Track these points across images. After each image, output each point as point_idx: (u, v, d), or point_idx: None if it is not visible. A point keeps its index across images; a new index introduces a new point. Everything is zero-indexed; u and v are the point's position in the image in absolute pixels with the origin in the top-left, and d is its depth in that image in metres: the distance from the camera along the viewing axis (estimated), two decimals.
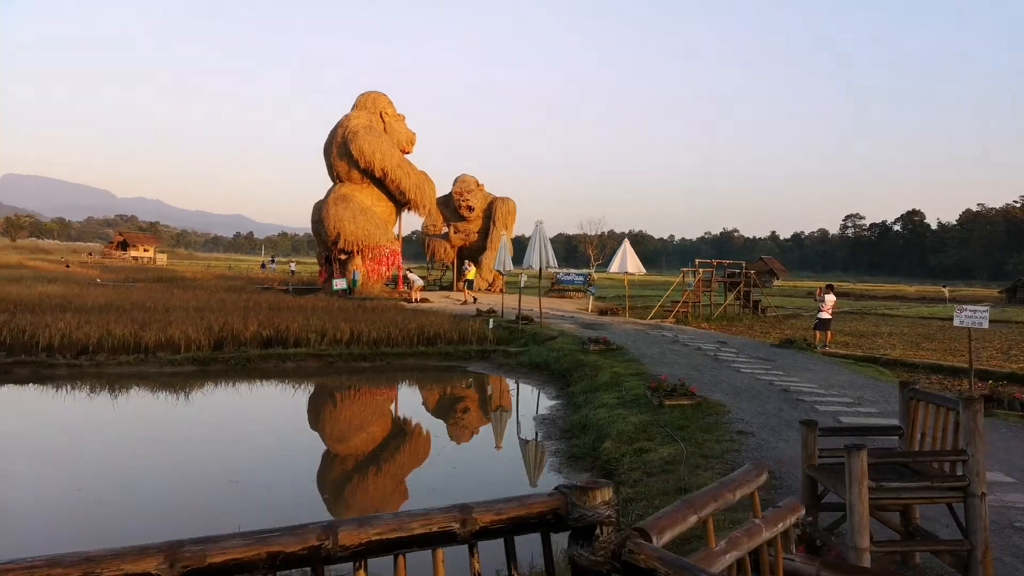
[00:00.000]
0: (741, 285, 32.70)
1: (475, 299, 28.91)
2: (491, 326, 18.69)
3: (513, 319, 21.43)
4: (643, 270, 25.40)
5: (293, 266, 48.96)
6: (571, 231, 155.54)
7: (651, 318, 27.21)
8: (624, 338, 17.29)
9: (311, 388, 14.17)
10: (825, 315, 18.60)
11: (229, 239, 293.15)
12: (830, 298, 18.92)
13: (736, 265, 34.41)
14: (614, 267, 25.12)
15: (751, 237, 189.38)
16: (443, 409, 12.51)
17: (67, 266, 45.38)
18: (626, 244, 24.97)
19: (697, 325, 24.92)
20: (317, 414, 12.20)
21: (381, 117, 31.77)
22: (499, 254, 22.43)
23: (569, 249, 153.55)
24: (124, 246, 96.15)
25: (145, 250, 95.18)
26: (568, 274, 42.45)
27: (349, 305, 24.04)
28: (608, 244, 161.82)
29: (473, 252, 40.81)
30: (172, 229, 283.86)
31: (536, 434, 9.92)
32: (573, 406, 11.07)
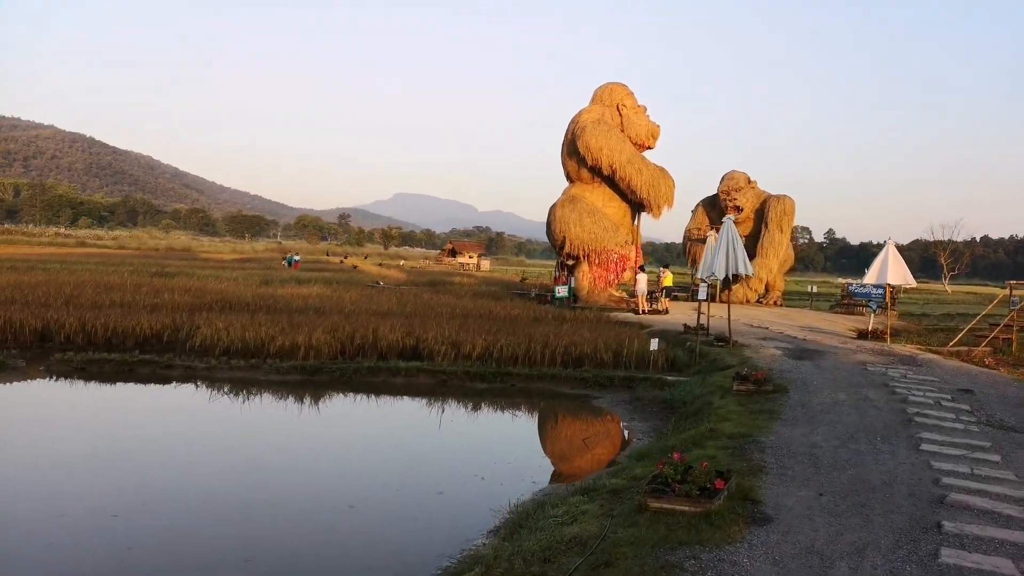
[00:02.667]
0: None
1: (643, 310, 25.06)
2: (653, 348, 15.04)
3: (713, 338, 17.38)
4: (911, 281, 18.86)
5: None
6: (926, 238, 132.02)
7: (952, 346, 20.45)
8: (817, 373, 12.42)
9: (381, 406, 12.41)
10: None
11: None
12: None
13: None
14: (870, 277, 19.12)
15: None
16: (451, 459, 9.74)
17: (341, 261, 49.59)
18: (889, 248, 18.79)
19: (1011, 359, 17.75)
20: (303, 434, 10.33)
21: (618, 110, 29.00)
22: (704, 257, 18.29)
23: (927, 259, 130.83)
24: (454, 253, 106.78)
25: (470, 257, 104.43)
26: (864, 286, 34.70)
27: (547, 315, 21.99)
28: (976, 251, 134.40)
29: None
30: (517, 238, 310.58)
31: (473, 527, 6.74)
32: (591, 482, 7.54)
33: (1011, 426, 8.79)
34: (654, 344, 15.08)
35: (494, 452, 9.74)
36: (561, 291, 27.29)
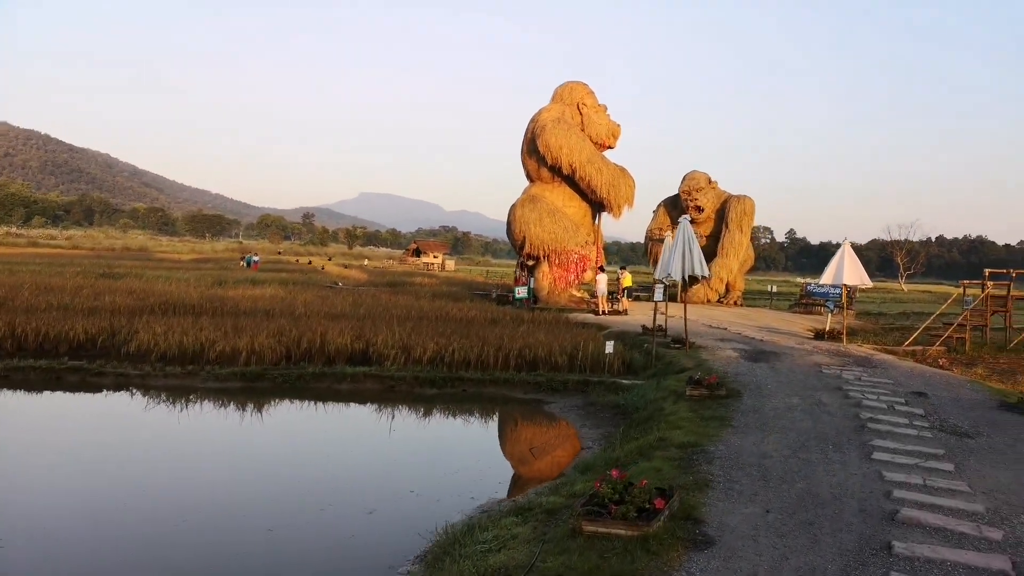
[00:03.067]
0: None
1: (604, 311, 24.75)
2: (608, 350, 14.70)
3: (670, 340, 17.16)
4: (867, 281, 18.83)
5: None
6: (883, 238, 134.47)
7: (907, 345, 20.57)
8: (772, 376, 12.18)
9: (322, 414, 11.82)
10: None
11: None
12: None
13: None
14: (827, 277, 19.06)
15: None
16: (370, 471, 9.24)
17: (299, 263, 48.97)
18: (845, 248, 18.73)
19: (964, 358, 17.88)
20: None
21: (579, 109, 28.70)
22: (662, 257, 17.97)
23: (884, 259, 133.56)
24: (418, 253, 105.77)
25: (435, 256, 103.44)
26: (822, 286, 34.90)
27: (505, 316, 21.55)
28: (932, 250, 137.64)
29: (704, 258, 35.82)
30: (484, 238, 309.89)
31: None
32: (528, 500, 7.11)
33: (964, 431, 8.60)
34: (609, 347, 14.74)
35: (435, 464, 9.22)
36: (521, 292, 26.89)
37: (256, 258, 62.13)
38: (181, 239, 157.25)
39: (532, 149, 27.78)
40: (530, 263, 28.44)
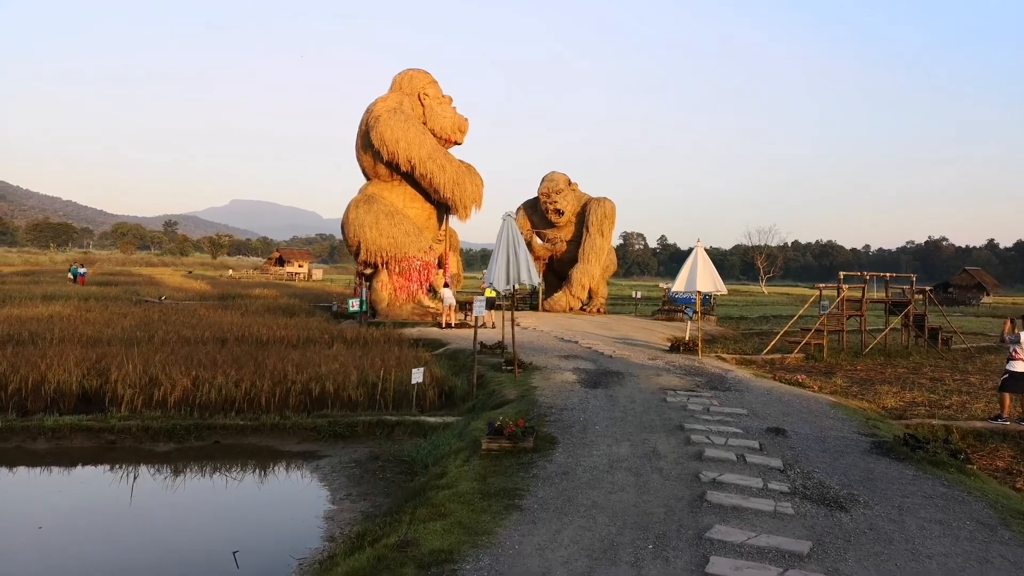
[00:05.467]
0: (910, 307, 23.09)
1: (445, 323, 22.24)
2: (416, 380, 11.73)
3: (503, 361, 14.46)
4: (722, 287, 16.92)
5: None
6: (745, 243, 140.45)
7: (767, 353, 19.04)
8: (606, 410, 9.62)
9: None
10: (1021, 366, 10.37)
11: None
12: None
13: (903, 279, 24.60)
14: (679, 284, 17.04)
15: (963, 246, 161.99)
16: None
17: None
18: (698, 252, 16.77)
19: (822, 366, 16.43)
20: None
21: (420, 100, 25.76)
22: (490, 263, 15.13)
23: (747, 263, 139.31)
24: (281, 262, 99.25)
25: (300, 266, 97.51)
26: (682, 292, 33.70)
27: (324, 335, 18.21)
28: (789, 254, 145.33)
29: (563, 264, 33.92)
30: None
31: None
32: None
33: (835, 497, 6.23)
34: (417, 375, 11.75)
35: None
36: (354, 304, 23.55)
37: (83, 271, 55.23)
38: (20, 250, 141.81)
39: (367, 143, 24.58)
40: (368, 271, 25.17)
